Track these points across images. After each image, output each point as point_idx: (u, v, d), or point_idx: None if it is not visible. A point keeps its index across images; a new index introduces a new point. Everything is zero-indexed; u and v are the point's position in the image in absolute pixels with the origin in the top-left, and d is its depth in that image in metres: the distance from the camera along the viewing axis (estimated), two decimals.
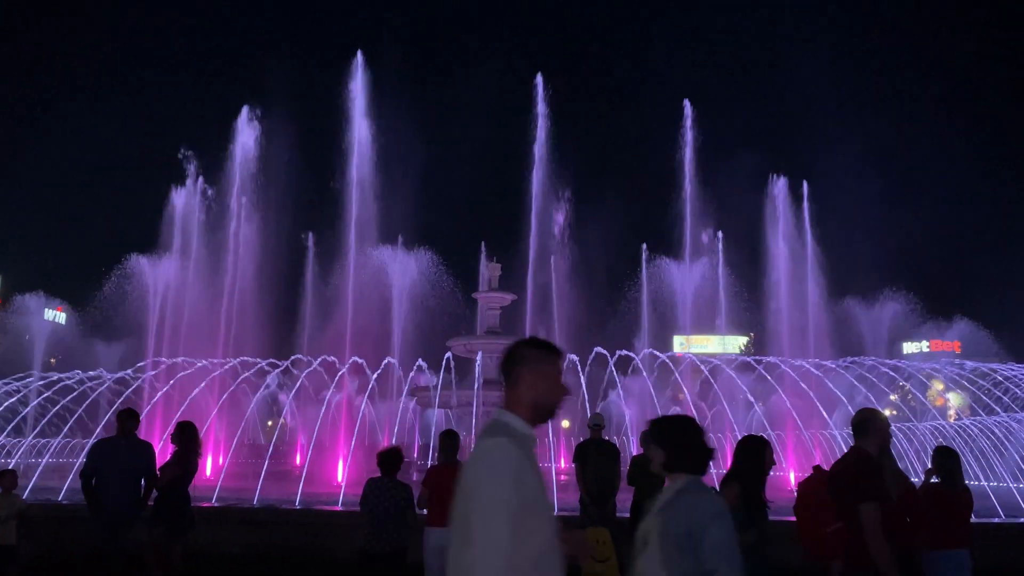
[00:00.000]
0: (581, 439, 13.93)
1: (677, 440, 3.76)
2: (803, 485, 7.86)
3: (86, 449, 9.59)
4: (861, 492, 4.81)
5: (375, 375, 22.87)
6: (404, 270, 30.00)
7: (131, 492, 8.79)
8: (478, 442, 2.80)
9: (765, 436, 6.46)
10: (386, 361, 24.94)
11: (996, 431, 26.63)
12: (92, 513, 8.71)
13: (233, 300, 27.61)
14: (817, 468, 8.16)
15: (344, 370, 24.06)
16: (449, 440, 8.61)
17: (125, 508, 8.66)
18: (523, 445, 2.75)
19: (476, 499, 2.61)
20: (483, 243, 35.41)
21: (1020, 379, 25.26)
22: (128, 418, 9.16)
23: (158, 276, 28.67)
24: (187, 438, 9.31)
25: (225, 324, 27.21)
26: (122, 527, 8.65)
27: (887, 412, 30.72)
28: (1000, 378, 26.25)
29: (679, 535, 3.47)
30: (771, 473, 6.23)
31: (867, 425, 5.24)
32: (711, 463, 3.87)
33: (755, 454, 5.95)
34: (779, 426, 26.21)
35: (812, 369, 22.98)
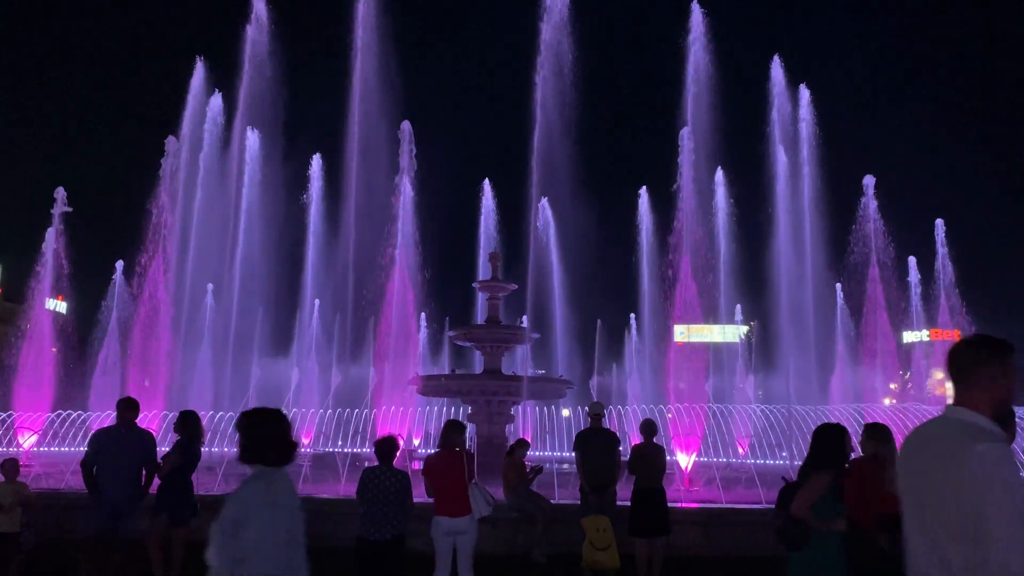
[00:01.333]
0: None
1: (249, 433, 4.06)
2: None
3: (88, 438, 9.62)
4: None
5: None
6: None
7: (131, 480, 8.84)
8: (959, 445, 2.81)
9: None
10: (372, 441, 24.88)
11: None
12: (93, 501, 8.77)
13: (240, 216, 27.49)
14: None
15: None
16: (454, 430, 8.72)
17: (125, 496, 8.71)
18: (1006, 445, 2.85)
19: (993, 505, 2.67)
20: (487, 180, 35.17)
21: None
22: (128, 407, 9.19)
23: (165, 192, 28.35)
24: (190, 427, 9.36)
25: (231, 243, 27.12)
26: (122, 515, 8.70)
27: (886, 401, 30.80)
28: None
29: (227, 521, 3.78)
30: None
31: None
32: (290, 455, 4.11)
33: (837, 443, 5.87)
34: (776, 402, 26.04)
35: (820, 409, 22.72)
